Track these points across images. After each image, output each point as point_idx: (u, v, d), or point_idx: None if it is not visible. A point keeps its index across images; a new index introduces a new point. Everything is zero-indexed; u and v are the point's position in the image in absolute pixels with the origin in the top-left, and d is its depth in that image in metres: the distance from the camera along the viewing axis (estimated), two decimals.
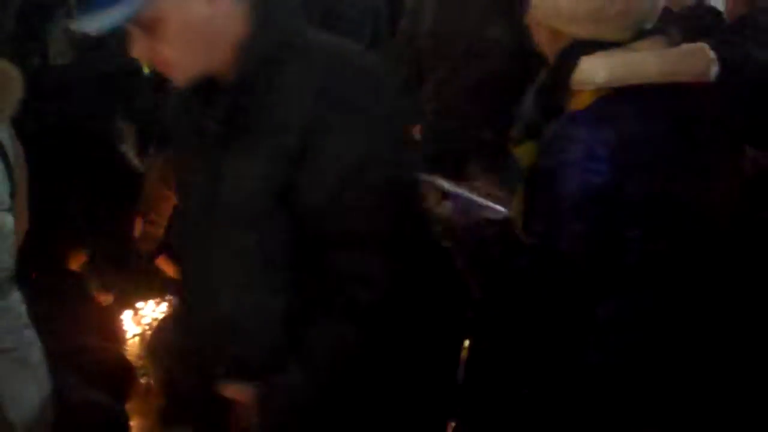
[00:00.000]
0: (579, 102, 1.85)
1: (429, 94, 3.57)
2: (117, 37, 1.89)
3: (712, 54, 1.91)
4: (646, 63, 1.82)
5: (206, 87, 1.77)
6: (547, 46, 1.96)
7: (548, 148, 1.83)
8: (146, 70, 4.03)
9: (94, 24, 1.65)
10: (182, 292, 2.08)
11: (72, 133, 3.99)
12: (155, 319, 4.31)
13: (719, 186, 1.93)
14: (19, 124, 2.46)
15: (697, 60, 1.88)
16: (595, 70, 1.83)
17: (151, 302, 4.40)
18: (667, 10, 6.10)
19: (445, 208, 2.07)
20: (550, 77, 1.93)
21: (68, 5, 4.38)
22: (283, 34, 1.73)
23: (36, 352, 2.44)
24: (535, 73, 2.09)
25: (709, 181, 1.90)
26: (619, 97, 1.82)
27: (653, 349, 1.89)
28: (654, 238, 1.82)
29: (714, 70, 1.90)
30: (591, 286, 1.84)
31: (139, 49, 1.71)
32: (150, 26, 1.67)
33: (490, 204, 2.10)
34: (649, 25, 1.90)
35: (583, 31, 1.86)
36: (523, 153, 1.94)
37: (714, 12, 5.03)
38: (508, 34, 2.45)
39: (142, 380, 3.62)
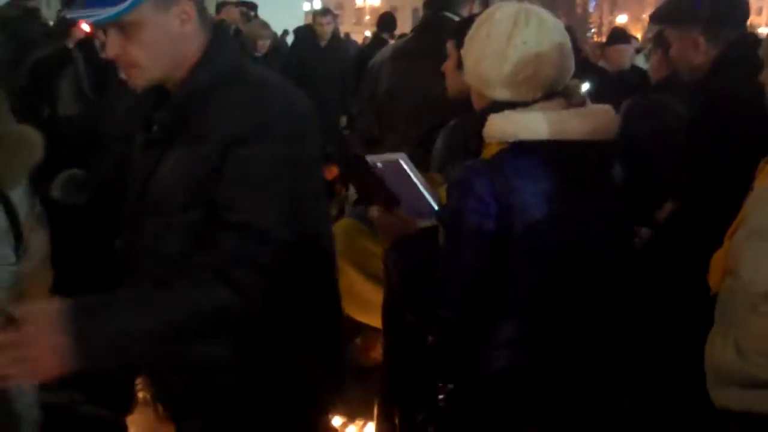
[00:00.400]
0: (488, 152, 1.98)
1: (392, 144, 3.66)
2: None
3: (612, 115, 2.02)
4: (537, 122, 1.93)
5: (157, 94, 1.92)
6: (475, 104, 2.07)
7: (452, 191, 1.95)
8: None
9: (87, 17, 1.81)
10: None
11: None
12: None
13: (602, 231, 2.02)
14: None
15: (591, 120, 1.97)
16: (496, 126, 1.95)
17: None
18: (603, 71, 6.25)
19: (385, 217, 2.15)
20: (471, 131, 2.05)
21: (76, 63, 4.47)
22: (226, 66, 1.88)
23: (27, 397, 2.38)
24: None
25: (592, 226, 1.99)
26: (516, 151, 1.93)
27: (549, 361, 1.99)
28: (539, 271, 1.93)
29: (612, 129, 2.00)
30: (489, 309, 1.95)
31: (112, 47, 1.84)
32: (128, 28, 1.80)
33: (432, 201, 2.22)
34: (559, 87, 2.00)
35: (498, 93, 1.98)
36: (444, 193, 2.05)
37: (642, 72, 5.20)
38: None
39: (140, 394, 3.62)
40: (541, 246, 1.90)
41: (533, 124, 1.91)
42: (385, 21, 7.97)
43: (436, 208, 2.11)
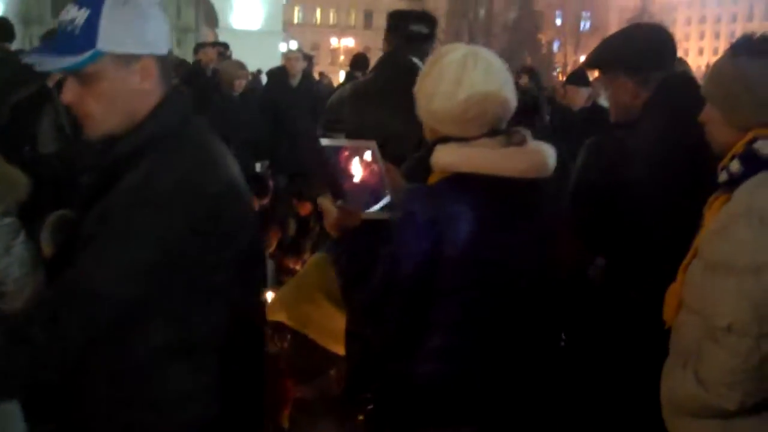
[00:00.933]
0: (432, 179, 2.09)
1: None
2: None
3: (548, 155, 2.10)
4: (476, 157, 2.02)
5: (107, 142, 1.84)
6: (426, 136, 2.15)
7: (395, 211, 2.06)
8: None
9: (47, 65, 1.75)
10: None
11: None
12: None
13: (529, 260, 2.07)
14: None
15: (526, 159, 2.05)
16: (440, 157, 2.05)
17: None
18: (567, 109, 6.32)
19: (335, 209, 2.17)
20: (422, 159, 2.14)
21: (55, 102, 4.45)
22: (165, 128, 1.80)
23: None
24: None
25: (519, 255, 2.05)
26: (455, 181, 2.03)
27: (470, 366, 2.06)
28: (466, 291, 2.01)
29: (548, 168, 2.09)
30: (422, 319, 2.03)
31: (70, 96, 1.76)
32: (87, 79, 1.73)
33: (387, 199, 2.24)
34: (503, 124, 2.10)
35: (447, 129, 2.07)
36: None
37: (602, 109, 5.27)
38: (412, 127, 2.59)
39: None
40: (469, 269, 1.98)
41: (472, 159, 1.99)
42: (358, 61, 8.04)
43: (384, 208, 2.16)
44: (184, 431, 1.80)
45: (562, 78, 32.89)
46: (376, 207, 2.16)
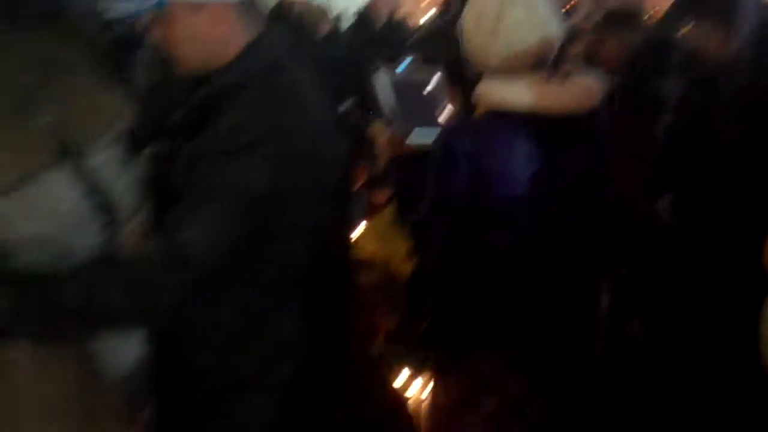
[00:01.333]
0: (477, 114, 2.15)
1: None
2: None
3: (592, 87, 2.12)
4: (516, 92, 2.05)
5: (195, 82, 1.92)
6: (474, 72, 2.21)
7: (436, 144, 2.13)
8: None
9: (113, 10, 1.80)
10: None
11: None
12: None
13: (574, 194, 2.15)
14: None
15: (568, 92, 2.08)
16: (482, 93, 2.11)
17: None
18: None
19: (387, 134, 2.29)
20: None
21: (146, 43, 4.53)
22: (253, 70, 1.84)
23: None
24: None
25: (564, 190, 2.13)
26: (495, 116, 2.08)
27: (522, 291, 2.16)
28: (508, 221, 2.09)
29: (591, 101, 2.11)
30: (470, 247, 2.14)
31: (156, 35, 1.85)
32: (163, 22, 1.81)
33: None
34: (546, 59, 2.11)
35: (489, 65, 2.11)
36: None
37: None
38: None
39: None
40: (509, 202, 2.06)
41: (513, 95, 2.05)
42: (448, 3, 7.97)
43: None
44: (278, 370, 1.90)
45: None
46: (430, 133, 2.21)
